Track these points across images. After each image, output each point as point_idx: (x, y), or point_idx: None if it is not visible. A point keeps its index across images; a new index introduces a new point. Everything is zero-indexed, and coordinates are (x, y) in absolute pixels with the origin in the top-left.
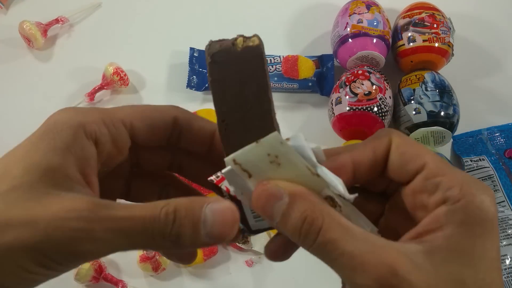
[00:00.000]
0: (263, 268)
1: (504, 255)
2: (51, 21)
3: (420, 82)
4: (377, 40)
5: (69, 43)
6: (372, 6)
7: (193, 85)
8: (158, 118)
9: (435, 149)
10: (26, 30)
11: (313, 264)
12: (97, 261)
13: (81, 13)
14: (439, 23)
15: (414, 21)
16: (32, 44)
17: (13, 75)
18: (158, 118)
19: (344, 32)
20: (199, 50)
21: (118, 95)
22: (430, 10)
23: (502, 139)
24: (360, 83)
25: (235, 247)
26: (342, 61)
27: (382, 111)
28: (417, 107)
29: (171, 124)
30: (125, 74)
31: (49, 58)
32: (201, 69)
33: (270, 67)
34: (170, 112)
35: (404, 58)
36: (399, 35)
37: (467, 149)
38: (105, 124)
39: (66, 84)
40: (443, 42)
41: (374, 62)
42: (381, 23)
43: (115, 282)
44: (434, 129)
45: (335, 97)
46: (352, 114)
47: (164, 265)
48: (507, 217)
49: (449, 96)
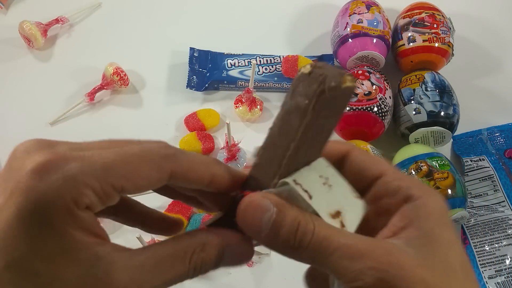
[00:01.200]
0: (263, 268)
1: (504, 255)
2: (51, 21)
3: (420, 82)
4: (377, 40)
5: (69, 43)
6: (372, 6)
7: (193, 85)
8: (152, 179)
9: (435, 149)
10: (26, 30)
11: None
12: None
13: (81, 13)
14: (439, 23)
15: (414, 21)
16: (32, 44)
17: (13, 75)
18: (152, 179)
19: (344, 32)
20: (199, 50)
21: (118, 95)
22: (430, 10)
23: (502, 139)
24: (360, 83)
25: None
26: (342, 61)
27: (382, 111)
28: (417, 107)
29: (165, 181)
30: (125, 74)
31: (49, 58)
32: (201, 69)
33: (270, 67)
34: (166, 167)
35: (404, 58)
36: (399, 35)
37: (467, 149)
38: (95, 191)
39: (66, 84)
40: (443, 42)
41: (374, 62)
42: (381, 23)
43: None
44: (434, 129)
45: None
46: (352, 114)
47: None
48: (507, 217)
49: (449, 96)
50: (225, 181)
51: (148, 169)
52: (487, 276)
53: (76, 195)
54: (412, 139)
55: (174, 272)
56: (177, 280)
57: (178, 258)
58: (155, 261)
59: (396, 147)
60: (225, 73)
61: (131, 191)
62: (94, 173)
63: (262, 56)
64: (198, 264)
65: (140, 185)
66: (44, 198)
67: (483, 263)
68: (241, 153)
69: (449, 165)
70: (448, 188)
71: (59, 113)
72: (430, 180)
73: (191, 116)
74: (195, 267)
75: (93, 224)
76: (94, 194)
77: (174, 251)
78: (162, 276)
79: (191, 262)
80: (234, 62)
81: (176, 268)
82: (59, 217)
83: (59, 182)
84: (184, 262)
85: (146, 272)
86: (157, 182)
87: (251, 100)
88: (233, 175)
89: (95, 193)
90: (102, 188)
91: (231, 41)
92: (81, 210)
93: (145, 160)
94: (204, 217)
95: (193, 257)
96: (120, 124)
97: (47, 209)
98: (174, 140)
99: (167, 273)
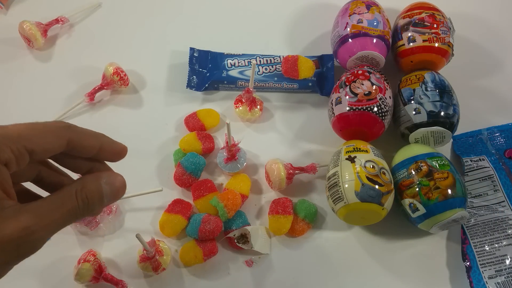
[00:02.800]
0: (263, 268)
1: (504, 255)
2: (51, 21)
3: (420, 82)
4: (377, 40)
5: (69, 43)
6: (372, 6)
7: (193, 85)
8: (54, 143)
9: (435, 149)
10: (26, 30)
11: (313, 264)
12: (97, 261)
13: (81, 13)
14: (439, 23)
15: (414, 21)
16: (32, 44)
17: (13, 75)
18: (55, 144)
19: (344, 32)
20: (199, 50)
21: (118, 95)
22: (430, 10)
23: (502, 139)
24: (360, 83)
25: (235, 247)
26: (342, 61)
27: (382, 111)
28: (417, 107)
29: (64, 146)
30: (125, 74)
31: (49, 58)
32: (201, 69)
33: (270, 67)
34: (64, 135)
35: (404, 58)
36: (399, 35)
37: (467, 149)
38: (12, 151)
39: (66, 84)
40: (443, 42)
41: (374, 62)
42: (381, 23)
43: (115, 282)
44: (434, 129)
45: (335, 97)
46: (352, 114)
47: (164, 265)
48: (507, 217)
49: (449, 96)
50: (110, 150)
51: (51, 136)
52: (487, 276)
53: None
54: (412, 139)
55: (66, 206)
56: (72, 213)
57: (66, 195)
58: (51, 201)
59: (396, 147)
60: (225, 73)
61: (39, 153)
62: (10, 138)
63: (262, 56)
64: (85, 198)
65: (46, 148)
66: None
67: (483, 263)
68: (241, 153)
69: (449, 165)
70: (448, 188)
71: (59, 113)
72: (430, 180)
73: (191, 116)
74: (83, 200)
75: (5, 181)
76: (12, 153)
77: (64, 192)
78: (57, 210)
79: (78, 198)
80: (234, 62)
81: (65, 204)
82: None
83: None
84: (71, 198)
85: (45, 209)
86: (58, 147)
87: (251, 100)
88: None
89: (12, 152)
90: (18, 149)
91: (231, 41)
92: (1, 165)
93: (48, 130)
94: (204, 217)
95: (78, 194)
96: (120, 124)
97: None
98: (174, 140)
99: (61, 208)
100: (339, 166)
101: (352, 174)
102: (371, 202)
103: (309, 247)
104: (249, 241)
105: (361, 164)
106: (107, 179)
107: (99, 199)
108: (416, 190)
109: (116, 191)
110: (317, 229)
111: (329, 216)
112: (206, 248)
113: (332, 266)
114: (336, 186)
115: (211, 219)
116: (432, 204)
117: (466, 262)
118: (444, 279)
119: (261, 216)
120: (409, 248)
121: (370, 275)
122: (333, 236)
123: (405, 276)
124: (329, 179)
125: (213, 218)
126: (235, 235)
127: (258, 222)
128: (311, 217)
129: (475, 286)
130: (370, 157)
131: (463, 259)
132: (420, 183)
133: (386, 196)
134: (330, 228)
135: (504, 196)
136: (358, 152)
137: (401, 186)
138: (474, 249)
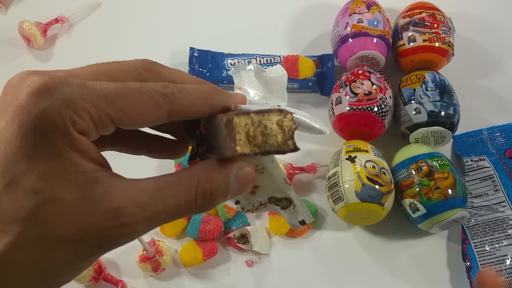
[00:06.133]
0: (263, 268)
1: (505, 255)
2: (51, 21)
3: (421, 82)
4: (377, 40)
5: (69, 43)
6: (372, 6)
7: None
8: (152, 116)
9: (436, 149)
10: (25, 30)
11: (313, 264)
12: (97, 261)
13: (81, 13)
14: (440, 23)
15: (414, 21)
16: (32, 44)
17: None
18: (152, 117)
19: (344, 32)
20: (199, 50)
21: None
22: (431, 9)
23: (503, 139)
24: (360, 83)
25: (235, 247)
26: (342, 61)
27: (382, 111)
28: (417, 107)
29: (164, 119)
30: None
31: (49, 58)
32: (201, 69)
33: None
34: (165, 105)
35: (404, 58)
36: (399, 34)
37: (468, 149)
38: (92, 119)
39: None
40: (443, 42)
41: (374, 62)
42: (381, 22)
43: (115, 282)
44: (434, 129)
45: (335, 97)
46: (352, 114)
47: (164, 265)
48: (507, 217)
49: (450, 96)
50: (220, 108)
51: (148, 107)
52: None
53: (74, 117)
54: (413, 139)
55: (178, 198)
56: (183, 209)
57: (182, 184)
58: (158, 186)
59: (396, 147)
60: (225, 73)
61: (128, 125)
62: (94, 100)
63: (262, 56)
64: (208, 193)
65: (138, 121)
66: (44, 115)
67: (484, 263)
68: None
69: (449, 165)
70: (449, 188)
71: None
72: (430, 180)
73: None
74: (204, 195)
75: (90, 150)
76: (91, 120)
77: (178, 178)
78: (165, 201)
79: (198, 190)
80: (234, 62)
81: (180, 194)
82: (57, 135)
83: (58, 101)
84: (189, 189)
85: (148, 195)
86: (155, 120)
87: None
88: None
89: (92, 120)
90: (100, 117)
91: (231, 41)
92: (78, 133)
93: (145, 98)
94: (204, 217)
95: (200, 186)
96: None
97: (46, 126)
98: None
99: (171, 199)
100: (339, 166)
101: (352, 174)
102: (371, 202)
103: (309, 247)
104: (249, 241)
105: (361, 164)
106: (237, 171)
107: (223, 196)
108: (417, 190)
109: (244, 186)
110: (317, 229)
111: (329, 216)
112: (206, 248)
113: (332, 266)
114: (336, 186)
115: (211, 219)
116: (433, 204)
117: (467, 262)
118: (445, 279)
119: (261, 216)
120: (409, 248)
121: (370, 275)
122: (333, 236)
123: (405, 276)
124: (329, 179)
125: (213, 218)
126: (235, 235)
127: (258, 222)
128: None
129: (476, 286)
130: (370, 157)
131: (464, 259)
132: (420, 183)
133: (387, 196)
134: (330, 228)
135: (504, 196)
136: (358, 152)
137: (401, 186)
138: (474, 249)
